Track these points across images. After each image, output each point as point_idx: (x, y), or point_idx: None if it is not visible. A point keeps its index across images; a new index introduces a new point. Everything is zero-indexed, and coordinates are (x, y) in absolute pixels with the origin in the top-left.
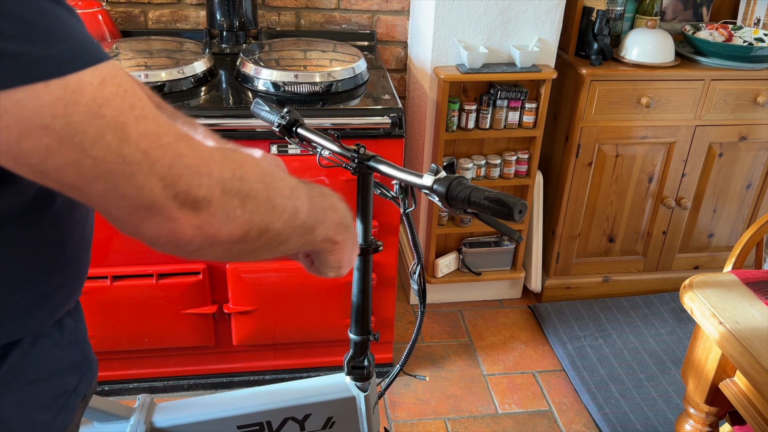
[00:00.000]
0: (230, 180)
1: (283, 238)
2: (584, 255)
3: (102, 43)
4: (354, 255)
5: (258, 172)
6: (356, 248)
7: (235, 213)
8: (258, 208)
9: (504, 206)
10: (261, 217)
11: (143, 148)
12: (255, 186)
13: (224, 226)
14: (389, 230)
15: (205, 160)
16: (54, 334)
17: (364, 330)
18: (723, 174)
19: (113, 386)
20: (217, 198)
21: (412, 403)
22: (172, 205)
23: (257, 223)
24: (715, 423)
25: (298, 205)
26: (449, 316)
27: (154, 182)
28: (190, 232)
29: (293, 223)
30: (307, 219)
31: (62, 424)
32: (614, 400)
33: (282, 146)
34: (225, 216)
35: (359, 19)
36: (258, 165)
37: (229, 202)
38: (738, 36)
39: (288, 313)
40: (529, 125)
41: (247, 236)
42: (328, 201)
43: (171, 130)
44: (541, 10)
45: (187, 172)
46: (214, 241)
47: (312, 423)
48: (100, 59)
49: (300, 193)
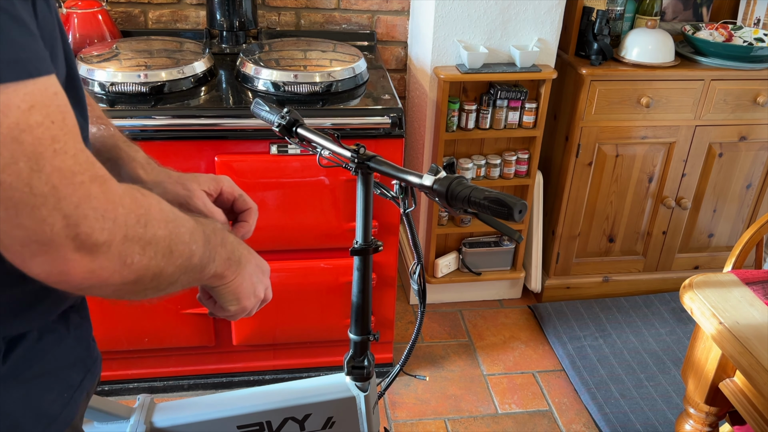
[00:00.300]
0: (134, 226)
1: (173, 280)
2: (584, 255)
3: (102, 43)
4: (259, 286)
5: (162, 219)
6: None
7: (132, 259)
8: (156, 254)
9: (504, 206)
10: (157, 262)
11: (54, 183)
12: (158, 233)
13: (119, 271)
14: (389, 230)
15: (114, 204)
16: (60, 330)
17: (364, 330)
18: (723, 174)
19: (113, 386)
20: (117, 244)
21: (412, 403)
22: (68, 245)
23: (153, 269)
24: (715, 423)
25: (194, 249)
26: (449, 316)
27: (57, 219)
28: (81, 275)
29: (186, 266)
30: (199, 261)
31: (67, 418)
32: (614, 400)
33: (282, 146)
34: (121, 262)
35: (359, 19)
36: (163, 211)
37: (128, 248)
38: (738, 36)
39: (288, 313)
40: (529, 125)
41: (140, 280)
42: (219, 237)
43: (88, 169)
44: (541, 10)
45: (93, 215)
46: (106, 284)
47: (312, 423)
48: (34, 74)
49: (197, 237)
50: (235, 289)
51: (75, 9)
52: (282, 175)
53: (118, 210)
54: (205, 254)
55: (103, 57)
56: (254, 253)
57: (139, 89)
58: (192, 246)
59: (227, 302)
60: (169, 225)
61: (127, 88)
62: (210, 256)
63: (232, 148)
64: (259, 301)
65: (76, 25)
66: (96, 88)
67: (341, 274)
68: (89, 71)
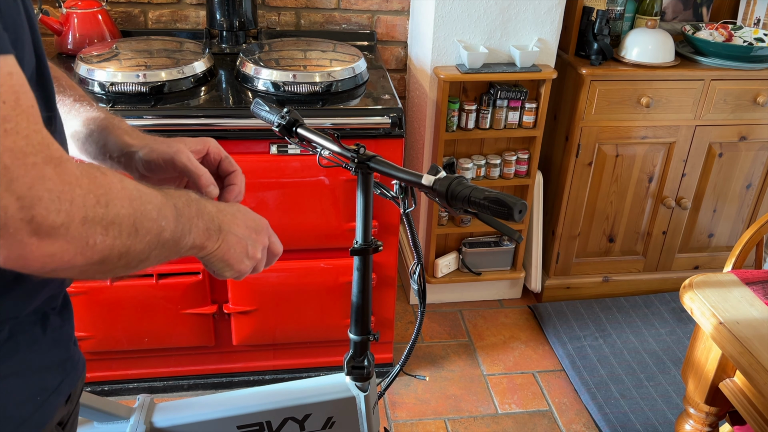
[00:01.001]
0: (94, 207)
1: (143, 257)
2: (584, 255)
3: (102, 43)
4: (252, 248)
5: (125, 197)
6: (251, 241)
7: (95, 240)
8: (121, 233)
9: (504, 206)
10: (123, 241)
11: (5, 163)
12: (121, 212)
13: (81, 253)
14: (389, 230)
15: (70, 185)
16: (34, 331)
17: (364, 330)
18: (723, 174)
19: (113, 386)
20: (77, 226)
21: (412, 403)
22: (24, 228)
23: (118, 248)
24: (715, 423)
25: (164, 225)
26: (449, 316)
27: (10, 201)
28: (41, 260)
29: (156, 242)
30: (171, 235)
31: (40, 420)
32: (614, 400)
33: (282, 146)
34: (83, 243)
35: (359, 19)
36: (125, 189)
37: (89, 229)
38: (738, 36)
39: (288, 313)
40: (529, 125)
41: (106, 260)
42: (194, 208)
43: (42, 150)
44: (541, 10)
45: (48, 196)
46: (69, 266)
47: (312, 423)
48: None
49: (167, 211)
50: (222, 255)
51: (75, 9)
52: (282, 175)
53: (75, 191)
54: (178, 228)
55: (102, 57)
56: (243, 214)
57: (138, 89)
58: (161, 222)
59: (219, 269)
60: (133, 203)
61: (126, 88)
62: (184, 229)
63: (232, 148)
64: (255, 261)
65: (76, 25)
66: (96, 88)
67: (341, 274)
68: (89, 71)
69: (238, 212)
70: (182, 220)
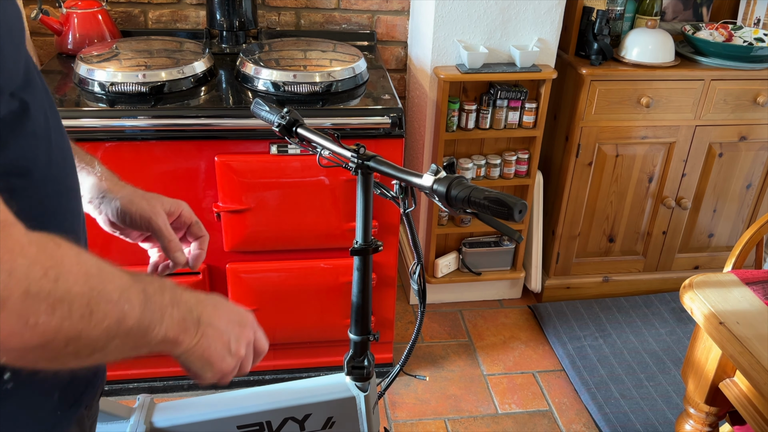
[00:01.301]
0: (39, 280)
1: (99, 346)
2: (584, 255)
3: (102, 43)
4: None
5: (80, 272)
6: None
7: (37, 319)
8: (71, 314)
9: (504, 206)
10: (73, 324)
11: None
12: (73, 288)
13: (19, 333)
14: (389, 230)
15: (12, 254)
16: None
17: (364, 330)
18: (723, 174)
19: (113, 386)
20: (16, 300)
21: (412, 403)
22: None
23: (66, 331)
24: (715, 423)
25: (127, 309)
26: (449, 316)
27: None
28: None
29: (117, 329)
30: (137, 323)
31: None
32: (614, 400)
33: (282, 146)
34: (22, 322)
35: (359, 19)
36: (82, 264)
37: (31, 306)
38: (738, 36)
39: (288, 313)
40: (529, 125)
41: (49, 344)
42: (168, 296)
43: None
44: (541, 10)
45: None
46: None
47: (312, 423)
48: None
49: (132, 295)
50: (202, 352)
51: (75, 9)
52: (282, 175)
53: (17, 261)
54: (146, 315)
55: (102, 57)
56: (226, 306)
57: (138, 89)
58: (123, 305)
59: (198, 369)
60: (90, 280)
61: (126, 88)
62: (153, 318)
63: (232, 148)
64: (239, 358)
65: (76, 25)
66: (96, 88)
67: (341, 274)
68: (89, 71)
69: (220, 303)
70: (152, 307)
